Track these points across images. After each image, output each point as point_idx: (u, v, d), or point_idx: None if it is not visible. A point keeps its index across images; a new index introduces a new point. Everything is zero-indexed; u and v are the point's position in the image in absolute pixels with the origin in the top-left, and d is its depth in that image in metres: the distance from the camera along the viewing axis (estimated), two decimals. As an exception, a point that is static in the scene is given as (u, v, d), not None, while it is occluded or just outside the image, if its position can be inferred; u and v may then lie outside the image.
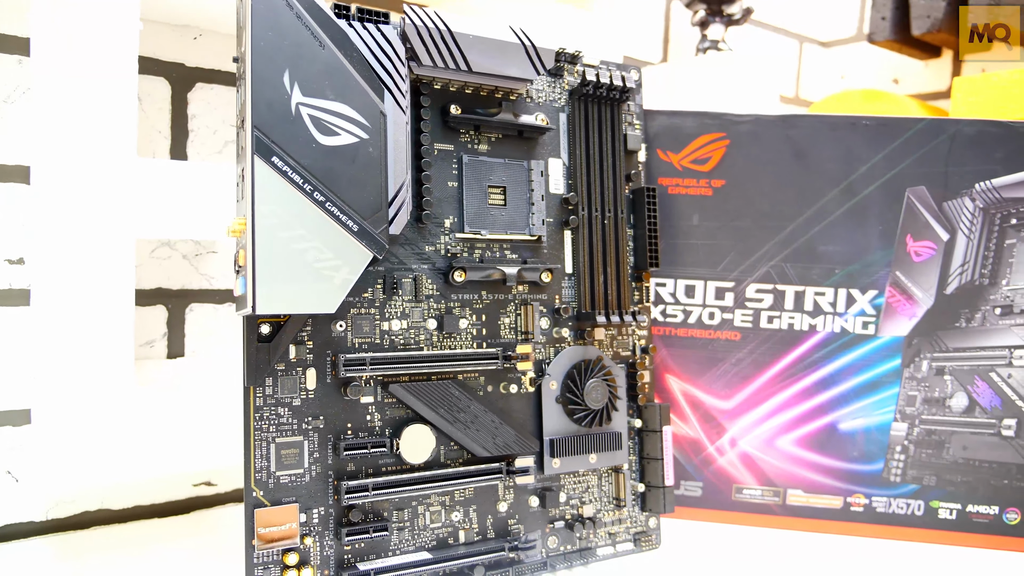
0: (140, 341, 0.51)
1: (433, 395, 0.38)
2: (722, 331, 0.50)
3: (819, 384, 0.49)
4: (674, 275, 0.50)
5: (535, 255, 0.42)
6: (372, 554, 0.37)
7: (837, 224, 0.48)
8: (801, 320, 0.49)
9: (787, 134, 0.48)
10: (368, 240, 0.34)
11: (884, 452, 0.48)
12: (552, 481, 0.42)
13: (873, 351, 0.48)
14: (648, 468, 0.45)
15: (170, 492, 0.52)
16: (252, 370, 0.34)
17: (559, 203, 0.43)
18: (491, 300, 0.41)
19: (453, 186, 0.40)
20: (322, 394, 0.36)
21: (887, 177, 0.47)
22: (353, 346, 0.37)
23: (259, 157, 0.32)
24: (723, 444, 0.50)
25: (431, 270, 0.39)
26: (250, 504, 0.34)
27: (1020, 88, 0.64)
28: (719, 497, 0.50)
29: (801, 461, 0.49)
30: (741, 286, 0.49)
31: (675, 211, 0.49)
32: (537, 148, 0.43)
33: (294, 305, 0.33)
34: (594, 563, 0.43)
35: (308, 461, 0.36)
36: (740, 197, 0.49)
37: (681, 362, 0.50)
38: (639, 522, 0.45)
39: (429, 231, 0.39)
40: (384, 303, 0.38)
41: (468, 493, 0.40)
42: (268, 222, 0.32)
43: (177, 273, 0.52)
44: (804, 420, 0.49)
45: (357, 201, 0.34)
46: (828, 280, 0.48)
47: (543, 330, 0.42)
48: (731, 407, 0.50)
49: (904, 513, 0.48)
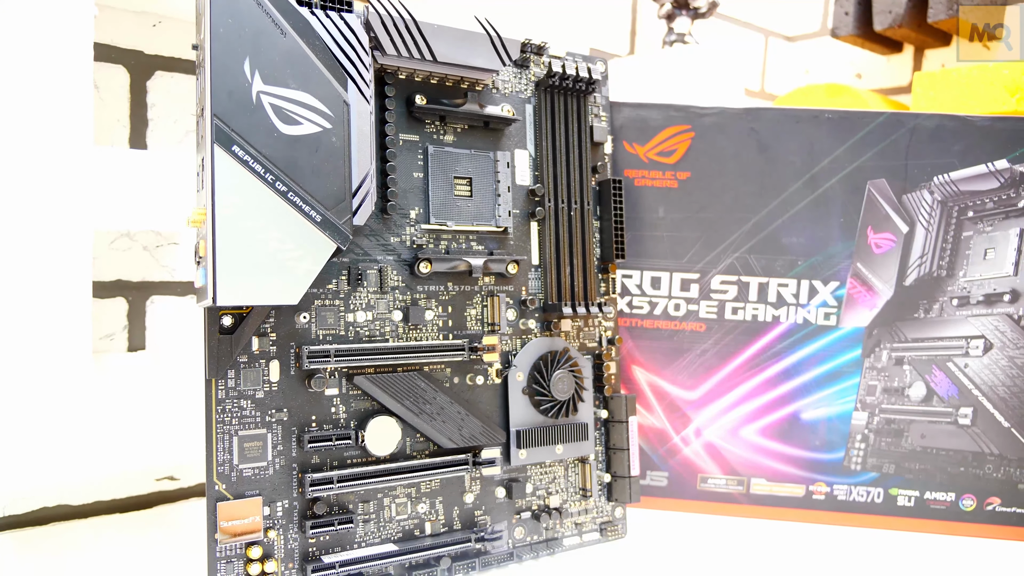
0: (100, 334, 0.50)
1: (399, 387, 0.38)
2: (687, 322, 0.50)
3: (782, 374, 0.49)
4: (640, 267, 0.50)
5: (501, 246, 0.42)
6: (337, 547, 0.37)
7: (800, 216, 0.48)
8: (765, 311, 0.49)
9: (751, 127, 0.49)
10: (331, 231, 0.34)
11: (845, 441, 0.49)
12: (519, 472, 0.42)
13: (834, 342, 0.49)
14: (614, 458, 0.45)
15: (132, 487, 0.52)
16: (214, 362, 0.34)
17: (525, 194, 0.43)
18: (457, 291, 0.41)
19: (419, 177, 0.40)
20: (286, 386, 0.36)
21: (849, 170, 0.48)
22: (317, 338, 0.36)
23: (219, 146, 0.31)
24: (688, 434, 0.50)
25: (396, 261, 0.39)
26: (212, 498, 0.34)
27: (978, 83, 0.65)
28: (684, 487, 0.50)
29: (764, 450, 0.50)
30: (706, 278, 0.50)
31: (641, 203, 0.49)
32: (503, 139, 0.42)
33: (256, 296, 0.32)
34: (560, 553, 0.43)
35: (272, 454, 0.35)
36: (705, 189, 0.49)
37: (647, 353, 0.50)
38: (605, 512, 0.45)
39: (394, 222, 0.39)
40: (349, 294, 0.37)
41: (434, 485, 0.40)
42: (229, 212, 0.31)
43: (137, 265, 0.51)
44: (767, 410, 0.50)
45: (320, 191, 0.33)
46: (791, 272, 0.49)
47: (509, 321, 0.42)
48: (696, 397, 0.50)
49: (864, 501, 0.49)
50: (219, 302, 0.31)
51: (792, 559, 0.43)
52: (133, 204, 0.41)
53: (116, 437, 0.44)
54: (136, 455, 0.45)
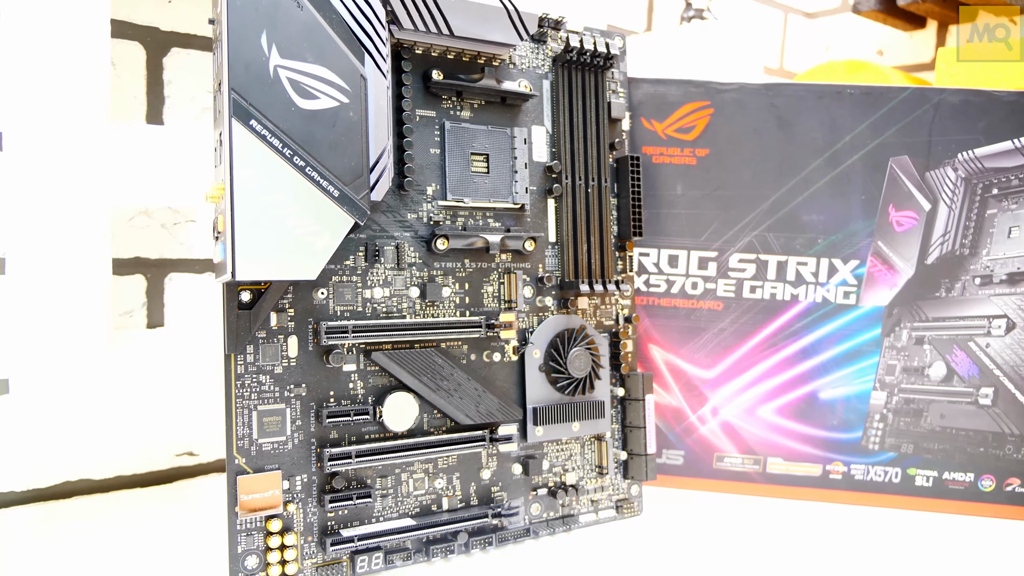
0: (119, 311, 0.50)
1: (416, 363, 0.38)
2: (705, 301, 0.50)
3: (800, 354, 0.49)
4: (657, 245, 0.50)
5: (518, 223, 0.42)
6: (355, 521, 0.37)
7: (820, 194, 0.48)
8: (783, 290, 0.49)
9: (772, 103, 0.48)
10: (349, 206, 0.34)
11: (863, 420, 0.49)
12: (535, 449, 0.42)
13: (854, 321, 0.48)
14: (630, 436, 0.45)
15: (152, 462, 0.52)
16: (233, 337, 0.34)
17: (542, 171, 0.43)
18: (474, 268, 0.41)
19: (435, 153, 0.40)
20: (304, 362, 0.36)
21: (871, 147, 0.47)
22: (335, 314, 0.37)
23: (237, 120, 0.31)
24: (705, 413, 0.50)
25: (413, 238, 0.39)
26: (232, 471, 0.34)
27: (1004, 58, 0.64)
28: (700, 465, 0.50)
29: (781, 430, 0.50)
30: (724, 256, 0.49)
31: (659, 180, 0.49)
32: (520, 115, 0.42)
33: (274, 271, 0.32)
34: (576, 530, 0.43)
35: (290, 429, 0.36)
36: (724, 167, 0.49)
37: (664, 332, 0.50)
38: (621, 490, 0.45)
39: (411, 198, 0.39)
40: (366, 271, 0.38)
41: (451, 461, 0.40)
42: (247, 186, 0.31)
43: (155, 242, 0.52)
44: (785, 389, 0.49)
45: (338, 166, 0.33)
46: (811, 250, 0.48)
47: (526, 299, 0.42)
48: (713, 376, 0.50)
49: (882, 480, 0.49)
50: (238, 277, 0.31)
51: (808, 538, 0.43)
52: (150, 180, 0.42)
53: (136, 413, 0.44)
54: (156, 430, 0.45)
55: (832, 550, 0.42)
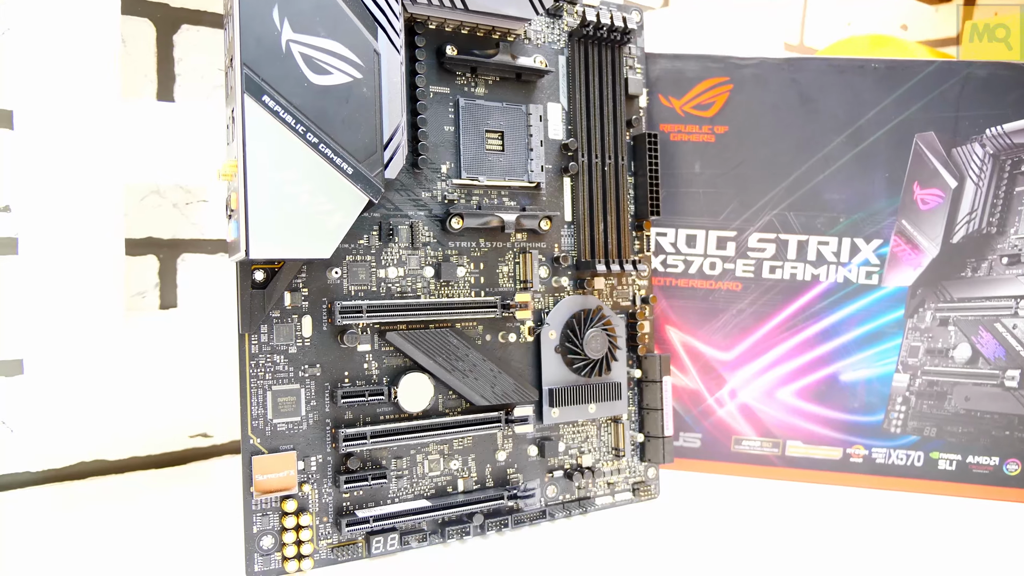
0: (131, 292, 0.51)
1: (431, 343, 0.38)
2: (723, 281, 0.50)
3: (821, 335, 0.49)
4: (675, 224, 0.49)
5: (534, 202, 0.42)
6: (371, 502, 0.37)
7: (843, 171, 0.47)
8: (804, 270, 0.49)
9: (793, 78, 0.48)
10: (363, 183, 0.34)
11: (885, 403, 0.48)
12: (551, 431, 0.42)
13: (876, 301, 0.48)
14: (647, 418, 0.45)
15: (166, 443, 0.53)
16: (247, 317, 0.34)
17: (558, 149, 0.43)
18: (489, 248, 0.41)
19: (449, 130, 0.40)
20: (318, 342, 0.36)
21: (895, 122, 0.47)
22: (349, 293, 0.37)
23: (249, 96, 0.31)
24: (723, 395, 0.50)
25: (428, 217, 0.39)
26: (247, 452, 0.35)
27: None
28: (718, 448, 0.50)
29: (801, 412, 0.49)
30: (743, 235, 0.49)
31: (677, 158, 0.49)
32: (536, 92, 0.42)
33: (288, 250, 0.32)
34: (593, 512, 0.44)
35: (305, 409, 0.36)
36: (743, 144, 0.48)
37: (681, 313, 0.50)
38: (638, 472, 0.46)
39: (425, 176, 0.39)
40: (380, 250, 0.38)
41: (467, 442, 0.40)
42: (260, 163, 0.31)
43: (167, 222, 0.52)
44: (805, 371, 0.49)
45: (351, 143, 0.33)
46: (832, 229, 0.48)
47: (542, 279, 0.42)
48: (731, 358, 0.50)
49: (904, 464, 0.48)
50: (252, 255, 0.32)
51: (828, 523, 0.43)
52: (162, 159, 0.42)
53: (150, 394, 0.45)
54: (170, 412, 0.46)
55: (852, 535, 0.42)
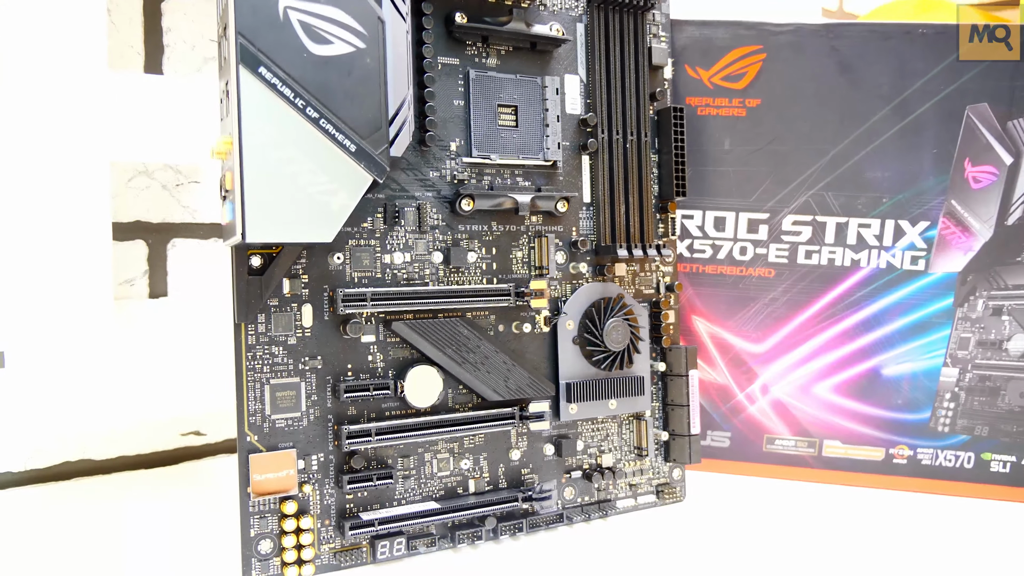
0: (119, 280, 0.51)
1: (440, 334, 0.38)
2: (755, 268, 0.49)
3: (861, 325, 0.49)
4: (703, 206, 0.49)
5: (550, 182, 0.42)
6: (376, 503, 0.38)
7: (886, 147, 0.47)
8: (843, 255, 0.48)
9: (832, 46, 0.47)
10: (367, 162, 0.34)
11: (932, 400, 0.48)
12: (569, 428, 0.43)
13: (923, 289, 0.48)
14: (672, 415, 0.45)
15: (156, 442, 0.53)
16: (243, 305, 0.34)
17: (576, 125, 0.43)
18: (502, 232, 0.41)
19: (459, 105, 0.40)
20: (319, 332, 0.36)
21: (945, 93, 0.46)
22: (352, 280, 0.37)
23: (245, 67, 0.31)
24: (754, 391, 0.50)
25: (436, 198, 0.39)
26: (244, 449, 0.35)
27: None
28: (749, 448, 0.50)
29: (839, 409, 0.49)
30: (777, 218, 0.49)
31: (705, 134, 0.49)
32: (552, 63, 0.42)
33: (287, 233, 0.33)
34: (614, 516, 0.44)
35: (305, 404, 0.36)
36: (777, 118, 0.48)
37: (709, 301, 0.50)
38: (662, 473, 0.46)
39: (433, 155, 0.39)
40: (385, 234, 0.38)
41: (478, 440, 0.40)
42: (257, 140, 0.31)
43: (157, 205, 0.52)
44: (844, 365, 0.49)
45: (354, 118, 0.33)
46: (874, 210, 0.48)
47: (559, 265, 0.42)
48: (763, 351, 0.50)
49: (952, 466, 0.48)
50: (248, 239, 0.32)
51: (869, 529, 0.43)
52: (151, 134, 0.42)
53: (139, 388, 0.45)
54: (161, 407, 0.46)
55: (895, 543, 0.42)
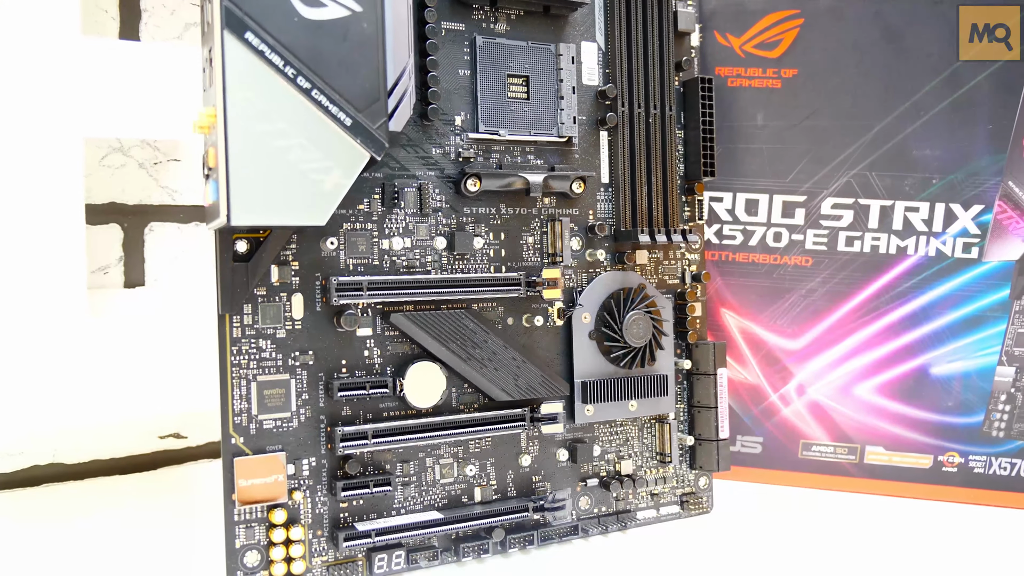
0: (91, 267, 0.51)
1: (443, 327, 0.38)
2: (790, 256, 0.49)
3: (908, 320, 0.48)
4: (733, 187, 0.49)
5: (564, 161, 0.42)
6: (373, 513, 0.38)
7: (937, 123, 0.47)
8: (888, 242, 0.48)
9: (876, 10, 0.47)
10: (364, 137, 0.34)
11: (985, 402, 0.48)
12: (584, 431, 0.43)
13: (976, 279, 0.48)
14: (699, 418, 0.45)
15: (133, 445, 0.54)
16: (228, 295, 0.34)
17: (594, 97, 0.43)
18: (511, 215, 0.41)
19: (465, 75, 0.40)
20: (311, 325, 0.36)
21: (1001, 63, 0.46)
22: (347, 268, 0.37)
23: (230, 33, 0.31)
24: (789, 392, 0.50)
25: (439, 177, 0.39)
26: (229, 453, 0.35)
27: None
28: (783, 454, 0.50)
29: (883, 412, 0.49)
30: (815, 201, 0.49)
31: (735, 108, 0.49)
32: (567, 28, 0.42)
33: (276, 216, 0.33)
34: (633, 528, 0.44)
35: (296, 403, 0.36)
36: (816, 90, 0.48)
37: (740, 293, 0.50)
38: (687, 482, 0.46)
39: (436, 130, 0.39)
40: (383, 217, 0.38)
41: (485, 444, 0.40)
42: (243, 112, 0.31)
43: (133, 185, 0.52)
44: (888, 363, 0.49)
45: (350, 89, 0.33)
46: (923, 192, 0.48)
47: (574, 252, 0.42)
48: (799, 347, 0.50)
49: (1007, 474, 0.48)
50: (233, 222, 0.32)
51: (915, 544, 0.43)
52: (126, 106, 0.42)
53: (114, 386, 0.46)
54: (137, 407, 0.46)
55: (945, 559, 0.41)
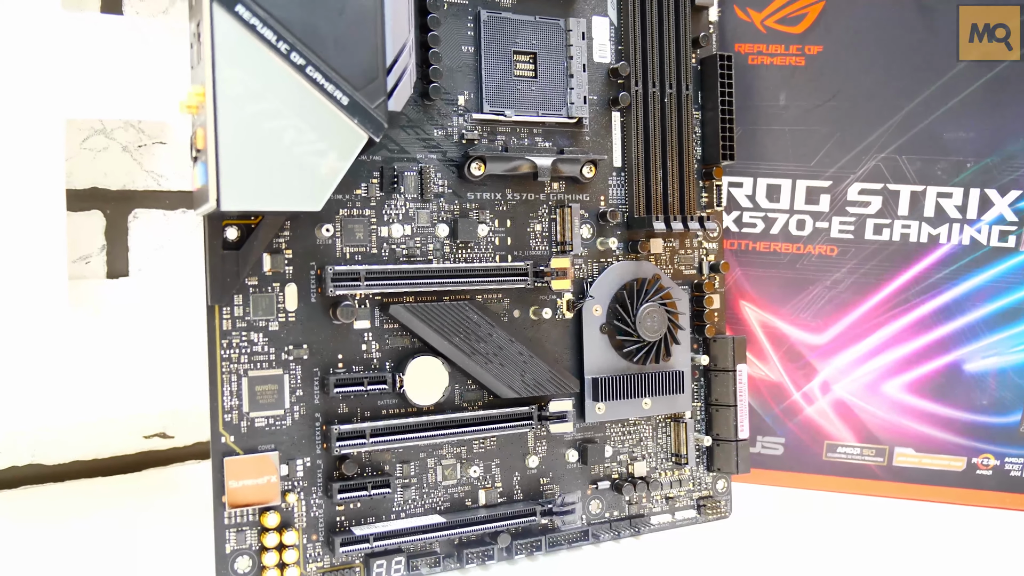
0: (73, 256, 0.52)
1: (445, 320, 0.39)
2: (814, 244, 0.50)
3: (940, 313, 0.49)
4: (753, 172, 0.49)
5: (574, 143, 0.42)
6: (371, 516, 0.38)
7: (971, 103, 0.47)
8: (919, 230, 0.48)
9: (908, -17, 0.47)
10: (362, 117, 0.34)
11: (1022, 400, 0.48)
12: (595, 431, 0.43)
13: (1013, 270, 0.48)
14: (717, 417, 0.46)
15: (116, 445, 0.54)
16: (217, 285, 0.35)
17: (605, 75, 0.43)
18: (518, 201, 0.41)
19: (468, 51, 0.40)
20: (305, 317, 0.37)
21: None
22: (343, 256, 0.37)
23: (219, 5, 0.31)
24: (813, 389, 0.50)
25: (441, 161, 0.39)
26: (218, 453, 0.35)
27: None
28: (806, 456, 0.50)
29: (913, 411, 0.49)
30: (840, 186, 0.49)
31: (757, 87, 0.49)
32: (577, 2, 0.42)
33: (268, 201, 0.33)
34: (647, 534, 0.44)
35: (289, 400, 0.36)
36: (842, 68, 0.48)
37: (760, 284, 0.50)
38: (704, 485, 0.46)
39: (438, 110, 0.39)
40: (382, 202, 0.38)
41: (490, 444, 0.41)
42: (233, 91, 0.32)
43: (116, 170, 0.53)
44: (919, 359, 0.49)
45: (347, 66, 0.34)
46: (956, 177, 0.48)
47: (584, 240, 0.42)
48: (824, 342, 0.50)
49: (1044, 477, 0.48)
50: (223, 207, 0.32)
51: (947, 552, 0.43)
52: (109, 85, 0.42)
53: (96, 383, 0.46)
54: (121, 405, 0.47)
55: (979, 568, 0.42)
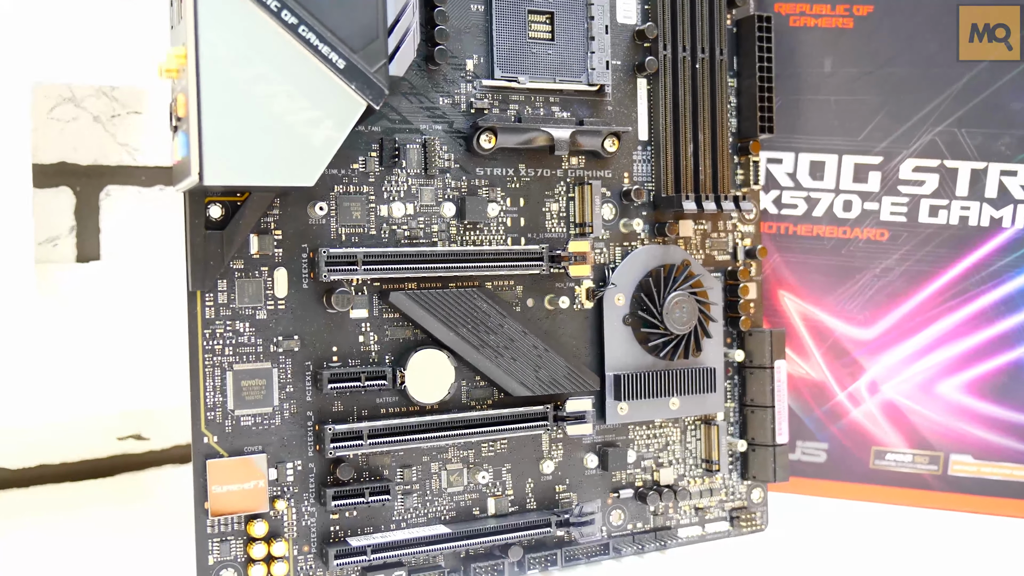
0: (39, 238, 0.52)
1: (451, 309, 0.38)
2: (863, 228, 0.49)
3: (1003, 305, 0.48)
4: (795, 146, 0.49)
5: (595, 113, 0.42)
6: (368, 526, 0.38)
7: (1039, 70, 0.47)
8: (979, 212, 0.48)
9: (969, -64, 0.47)
10: (360, 82, 0.34)
11: (1092, 402, 0.48)
12: (617, 434, 0.43)
13: (1083, 257, 0.48)
14: (752, 420, 0.45)
15: (87, 447, 0.54)
16: (199, 268, 0.35)
17: (631, 38, 0.43)
18: (533, 177, 0.41)
19: (478, 10, 0.40)
20: (297, 304, 0.37)
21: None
22: (339, 238, 0.37)
23: (203, -42, 0.31)
24: (859, 390, 0.50)
25: (447, 132, 0.39)
26: (200, 455, 0.35)
27: None
28: (852, 463, 0.50)
29: (972, 415, 0.49)
30: (892, 163, 0.49)
31: (799, 52, 0.48)
32: (600, -44, 0.42)
33: (256, 174, 0.33)
34: (674, 548, 0.44)
35: (279, 397, 0.36)
36: (895, 31, 0.48)
37: (802, 272, 0.50)
38: (738, 494, 0.46)
39: (444, 76, 0.39)
40: (382, 178, 0.38)
41: (500, 447, 0.41)
42: (217, 53, 0.31)
43: (87, 142, 0.53)
44: (978, 357, 0.49)
45: (343, 26, 0.33)
46: (1022, 153, 0.47)
47: (606, 221, 0.42)
48: (872, 337, 0.50)
49: (1118, 488, 0.48)
50: (206, 181, 0.32)
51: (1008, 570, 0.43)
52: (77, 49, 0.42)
53: (65, 379, 0.46)
54: (92, 403, 0.47)
55: (1043, 582, 0.42)
